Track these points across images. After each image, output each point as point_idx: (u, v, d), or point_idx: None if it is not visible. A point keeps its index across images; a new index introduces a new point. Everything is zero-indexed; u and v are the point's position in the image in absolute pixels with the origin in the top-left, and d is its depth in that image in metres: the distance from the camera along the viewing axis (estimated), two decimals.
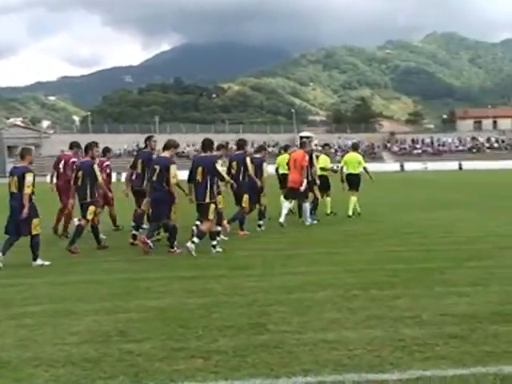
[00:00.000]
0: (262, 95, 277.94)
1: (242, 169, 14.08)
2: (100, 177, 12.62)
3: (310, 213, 15.97)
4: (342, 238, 13.31)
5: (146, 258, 11.06)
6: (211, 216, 11.52)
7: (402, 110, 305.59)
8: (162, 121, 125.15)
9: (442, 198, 21.86)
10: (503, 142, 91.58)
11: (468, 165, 75.96)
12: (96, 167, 12.49)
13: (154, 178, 11.78)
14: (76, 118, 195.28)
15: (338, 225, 15.73)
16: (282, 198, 16.41)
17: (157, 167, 11.79)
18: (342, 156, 18.39)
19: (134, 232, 12.89)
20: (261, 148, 16.19)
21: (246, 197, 14.00)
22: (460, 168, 76.05)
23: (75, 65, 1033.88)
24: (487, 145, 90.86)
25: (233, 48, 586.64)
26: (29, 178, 10.48)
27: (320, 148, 26.22)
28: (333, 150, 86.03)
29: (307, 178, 15.55)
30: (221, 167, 12.32)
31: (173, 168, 11.70)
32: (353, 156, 18.43)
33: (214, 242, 11.63)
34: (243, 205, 14.05)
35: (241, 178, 14.01)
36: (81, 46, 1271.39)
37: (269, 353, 5.48)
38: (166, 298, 7.74)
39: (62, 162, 14.94)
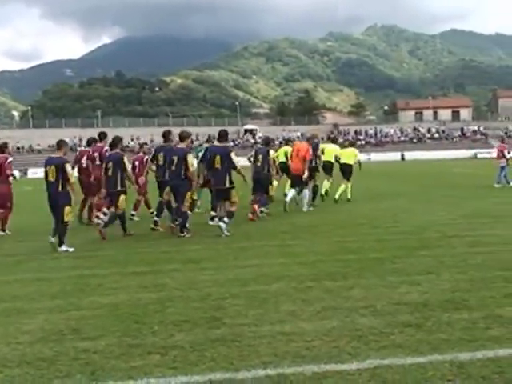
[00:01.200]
0: (206, 88, 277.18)
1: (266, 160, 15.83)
2: (129, 168, 13.58)
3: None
4: (293, 229, 13.35)
5: (96, 255, 10.90)
6: (235, 198, 12.91)
7: (344, 101, 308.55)
8: (105, 115, 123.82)
9: (387, 188, 22.18)
10: (443, 132, 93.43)
11: (410, 155, 77.34)
12: (125, 159, 13.40)
13: (173, 168, 12.76)
14: (15, 113, 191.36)
15: (289, 217, 15.76)
16: (287, 186, 18.22)
17: (175, 158, 12.76)
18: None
19: (155, 219, 14.05)
20: (268, 141, 17.05)
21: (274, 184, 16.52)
22: (402, 158, 77.26)
23: (14, 59, 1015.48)
24: (428, 135, 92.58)
25: (174, 41, 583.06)
26: (69, 167, 11.61)
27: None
28: (277, 143, 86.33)
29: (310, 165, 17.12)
30: (236, 157, 13.21)
31: (190, 157, 12.80)
32: (349, 151, 20.54)
33: (227, 221, 12.69)
34: (271, 193, 16.09)
35: (265, 169, 15.81)
36: (20, 40, 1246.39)
37: (227, 346, 5.46)
38: (119, 294, 7.63)
39: (85, 158, 15.80)
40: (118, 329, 6.12)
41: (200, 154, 15.30)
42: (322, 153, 19.25)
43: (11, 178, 14.73)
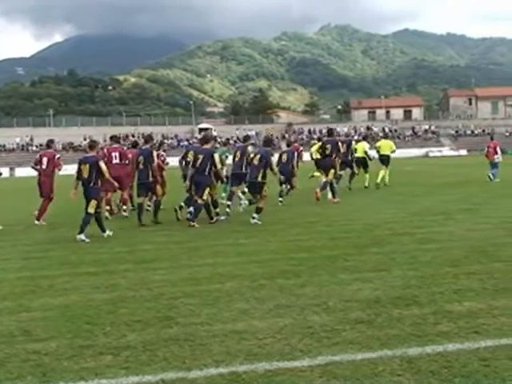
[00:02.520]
0: (160, 87, 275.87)
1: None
2: (155, 162, 14.94)
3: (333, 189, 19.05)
4: (246, 228, 13.38)
5: (47, 255, 10.75)
6: (265, 193, 14.42)
7: (298, 100, 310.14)
8: (57, 114, 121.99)
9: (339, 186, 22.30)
10: (396, 131, 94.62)
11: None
12: (154, 154, 15.02)
13: (197, 165, 14.14)
14: None
15: (243, 216, 15.78)
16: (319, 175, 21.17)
17: (200, 156, 14.19)
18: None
19: (178, 205, 15.40)
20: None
21: (332, 171, 18.55)
22: None
23: None
24: (381, 134, 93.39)
25: (128, 39, 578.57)
26: (102, 164, 12.81)
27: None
28: (232, 142, 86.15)
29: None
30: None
31: (216, 156, 14.40)
32: (386, 142, 25.74)
33: (256, 216, 14.19)
34: (330, 177, 18.56)
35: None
36: None
37: (179, 346, 5.46)
38: (70, 295, 7.55)
39: (117, 154, 17.03)
40: (70, 330, 6.06)
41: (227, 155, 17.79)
42: (355, 151, 22.79)
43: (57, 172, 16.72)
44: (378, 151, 25.03)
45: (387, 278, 7.77)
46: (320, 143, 21.16)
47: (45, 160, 16.26)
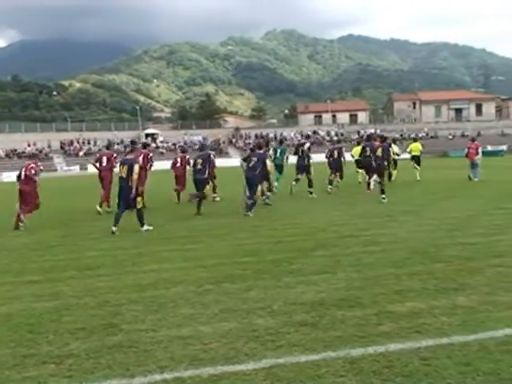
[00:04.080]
0: (105, 92, 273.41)
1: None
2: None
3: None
4: (192, 233, 13.32)
5: None
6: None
7: (245, 105, 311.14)
8: (0, 119, 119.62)
9: (287, 189, 22.37)
10: (342, 135, 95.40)
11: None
12: (213, 156, 18.41)
13: (250, 165, 17.39)
14: None
15: (188, 220, 15.74)
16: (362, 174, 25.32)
17: (254, 159, 17.47)
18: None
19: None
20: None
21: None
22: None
23: None
24: (327, 138, 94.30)
25: (72, 44, 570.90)
26: (136, 168, 13.93)
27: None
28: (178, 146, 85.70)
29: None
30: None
31: (268, 161, 18.15)
32: (416, 144, 29.35)
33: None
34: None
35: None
36: None
37: (123, 353, 5.44)
38: (12, 303, 7.44)
39: (105, 158, 19.70)
40: (12, 339, 5.98)
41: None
42: (411, 150, 29.09)
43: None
44: (409, 152, 29.52)
45: (331, 281, 7.86)
46: (360, 146, 25.29)
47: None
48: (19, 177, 15.94)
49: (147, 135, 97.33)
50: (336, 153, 23.46)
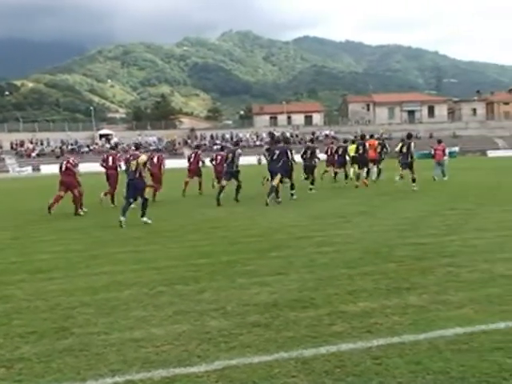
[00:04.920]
0: (59, 92, 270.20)
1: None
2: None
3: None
4: (145, 235, 13.22)
5: None
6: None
7: (201, 106, 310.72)
8: None
9: (243, 191, 22.30)
10: (297, 136, 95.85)
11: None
12: (237, 152, 20.55)
13: (274, 158, 19.75)
14: None
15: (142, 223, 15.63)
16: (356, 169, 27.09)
17: (276, 152, 19.75)
18: None
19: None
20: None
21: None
22: (259, 163, 78.55)
23: None
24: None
25: (25, 43, 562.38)
26: (144, 157, 15.70)
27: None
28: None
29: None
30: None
31: (292, 152, 20.12)
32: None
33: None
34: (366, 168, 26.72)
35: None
36: None
37: (74, 356, 5.37)
38: None
39: (110, 158, 21.77)
40: None
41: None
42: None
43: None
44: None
45: (285, 282, 7.89)
46: (355, 145, 27.64)
47: None
48: None
49: (101, 136, 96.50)
50: (309, 152, 23.94)
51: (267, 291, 7.39)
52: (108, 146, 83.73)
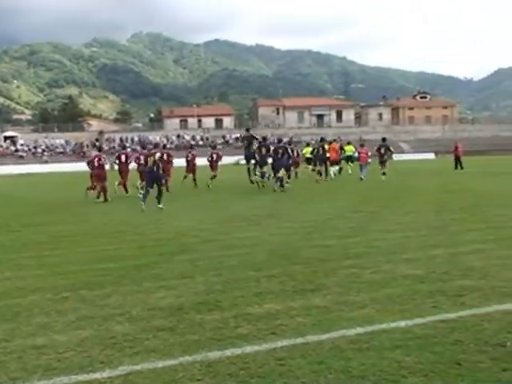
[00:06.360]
0: None
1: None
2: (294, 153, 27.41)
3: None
4: (50, 239, 12.87)
5: None
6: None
7: (110, 108, 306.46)
8: None
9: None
10: (207, 139, 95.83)
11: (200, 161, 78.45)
12: (289, 150, 25.99)
13: (279, 156, 24.71)
14: None
15: (46, 226, 15.25)
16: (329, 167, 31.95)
17: (280, 150, 24.79)
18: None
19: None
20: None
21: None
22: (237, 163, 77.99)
23: None
24: (193, 142, 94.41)
25: None
26: (158, 154, 18.62)
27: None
28: (40, 150, 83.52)
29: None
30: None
31: (293, 149, 27.08)
32: (350, 146, 37.18)
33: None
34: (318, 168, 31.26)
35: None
36: None
37: None
38: None
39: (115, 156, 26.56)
40: None
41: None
42: (345, 151, 36.22)
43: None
44: (344, 152, 35.91)
45: (191, 285, 7.88)
46: (310, 147, 34.40)
47: None
48: None
49: (6, 138, 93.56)
50: (280, 151, 25.19)
51: (173, 295, 7.37)
52: (13, 148, 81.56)
